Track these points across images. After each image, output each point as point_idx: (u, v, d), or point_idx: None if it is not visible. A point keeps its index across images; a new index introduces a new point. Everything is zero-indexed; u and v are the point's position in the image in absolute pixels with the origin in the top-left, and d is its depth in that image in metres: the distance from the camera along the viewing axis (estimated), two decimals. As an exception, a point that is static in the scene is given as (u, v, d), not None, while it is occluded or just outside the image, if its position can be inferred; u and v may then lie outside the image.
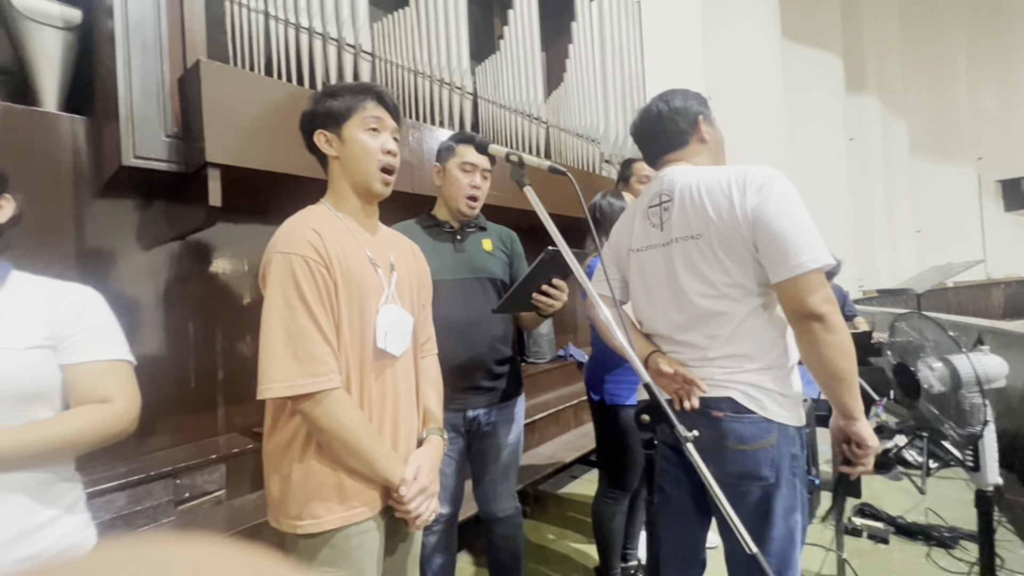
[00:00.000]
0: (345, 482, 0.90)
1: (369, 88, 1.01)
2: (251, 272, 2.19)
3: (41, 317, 0.81)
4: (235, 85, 1.64)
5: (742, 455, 1.03)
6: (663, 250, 1.14)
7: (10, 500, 0.72)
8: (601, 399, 1.68)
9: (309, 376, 0.85)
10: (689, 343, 1.10)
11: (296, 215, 0.97)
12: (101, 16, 1.67)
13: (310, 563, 0.89)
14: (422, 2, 2.39)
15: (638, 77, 4.00)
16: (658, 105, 1.17)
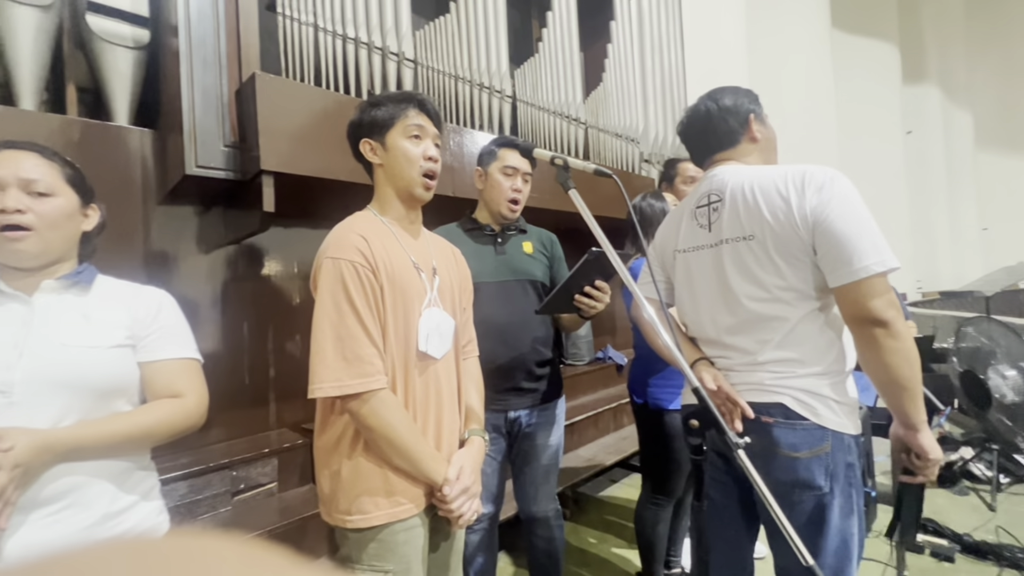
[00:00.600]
0: (391, 479, 0.92)
1: (411, 97, 1.04)
2: (300, 274, 2.28)
3: (122, 318, 0.87)
4: (287, 96, 1.72)
5: (794, 463, 0.99)
6: (711, 251, 1.12)
7: (96, 485, 0.78)
8: (644, 402, 1.66)
9: (357, 377, 0.88)
10: (737, 347, 1.07)
11: (344, 221, 1.01)
12: (167, 35, 1.78)
13: (359, 557, 0.92)
14: (462, 8, 2.42)
15: (678, 74, 3.92)
16: (706, 104, 1.15)
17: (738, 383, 1.06)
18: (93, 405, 0.79)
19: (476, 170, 1.58)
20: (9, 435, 0.68)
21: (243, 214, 1.90)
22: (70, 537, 0.75)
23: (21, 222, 0.77)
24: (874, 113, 7.98)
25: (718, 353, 1.11)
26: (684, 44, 4.10)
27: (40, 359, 0.75)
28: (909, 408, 0.94)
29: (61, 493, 0.75)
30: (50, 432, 0.72)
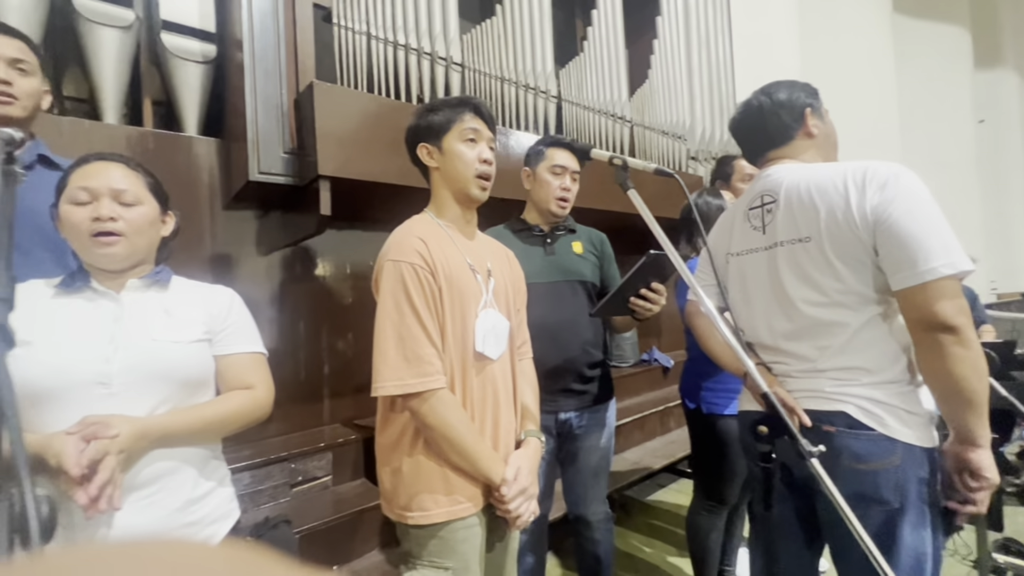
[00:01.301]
0: (451, 478, 0.94)
1: (466, 101, 1.05)
2: (352, 275, 2.36)
3: (200, 314, 0.93)
4: (343, 103, 1.78)
5: (859, 474, 0.94)
6: (766, 254, 1.07)
7: (182, 472, 0.84)
8: (697, 407, 1.61)
9: (417, 376, 0.90)
10: (796, 353, 1.02)
11: (403, 225, 1.03)
12: (232, 49, 1.88)
13: (420, 552, 0.94)
14: (508, 10, 2.44)
15: (726, 67, 3.79)
16: (759, 99, 1.10)
17: (796, 390, 1.01)
18: (180, 395, 0.85)
19: (524, 170, 1.58)
20: (114, 422, 0.73)
21: (300, 217, 1.98)
22: (161, 519, 0.80)
23: (113, 229, 0.84)
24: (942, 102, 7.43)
25: (774, 359, 1.07)
26: (732, 36, 3.96)
27: (134, 352, 0.81)
28: (973, 423, 0.87)
29: (154, 478, 0.80)
30: (147, 420, 0.78)
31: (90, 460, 0.69)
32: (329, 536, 1.78)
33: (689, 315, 1.25)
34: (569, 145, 1.53)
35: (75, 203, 0.82)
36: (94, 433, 0.72)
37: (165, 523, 0.81)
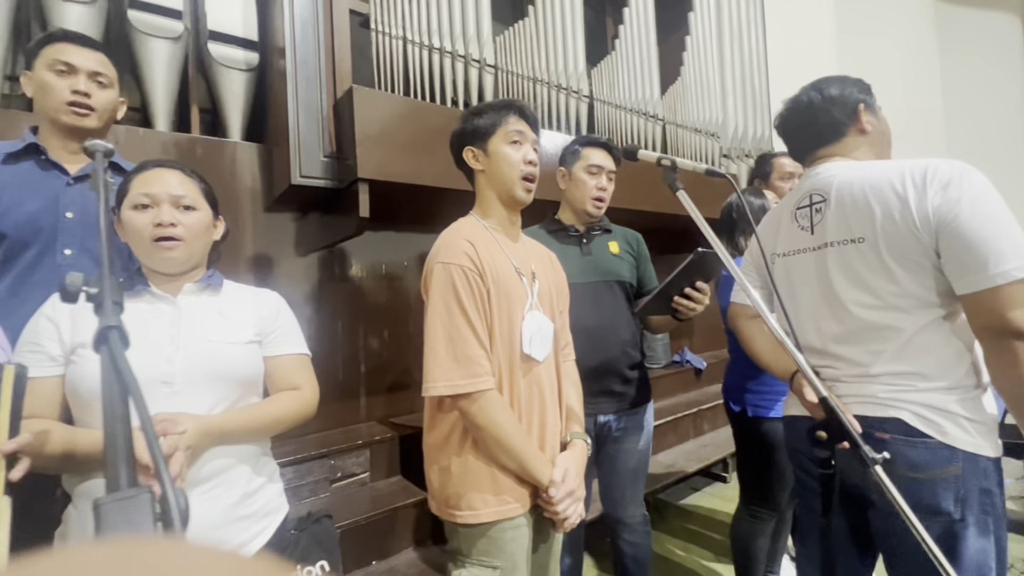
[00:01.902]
0: (499, 478, 0.95)
1: (511, 104, 1.06)
2: (387, 276, 2.40)
3: (250, 317, 0.96)
4: (381, 107, 1.81)
5: (915, 484, 0.90)
6: (814, 255, 1.04)
7: (238, 467, 0.87)
8: (742, 410, 1.58)
9: (467, 377, 0.91)
10: (846, 358, 0.99)
11: (451, 228, 1.04)
12: (274, 57, 1.94)
13: (469, 551, 0.95)
14: (540, 11, 2.44)
15: (760, 62, 3.71)
16: (809, 94, 1.07)
17: (846, 395, 0.98)
18: (235, 395, 0.88)
19: (559, 170, 1.58)
20: (182, 420, 0.77)
21: (338, 219, 2.02)
22: (220, 512, 0.83)
23: (173, 234, 0.87)
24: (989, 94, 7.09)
25: (823, 363, 1.04)
26: (766, 29, 3.87)
27: (193, 353, 0.84)
28: None
29: (214, 473, 0.83)
30: (209, 418, 0.81)
31: (164, 455, 0.72)
32: (367, 532, 1.81)
33: (732, 316, 1.23)
34: (605, 144, 1.52)
35: (136, 208, 0.85)
36: (164, 429, 0.75)
37: (223, 516, 0.84)
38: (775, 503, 1.55)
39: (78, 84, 1.13)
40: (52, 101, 1.12)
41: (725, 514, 2.44)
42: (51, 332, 0.81)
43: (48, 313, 0.83)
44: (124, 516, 0.26)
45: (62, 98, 1.12)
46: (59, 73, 1.12)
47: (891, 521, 0.83)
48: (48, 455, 0.71)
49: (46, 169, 1.14)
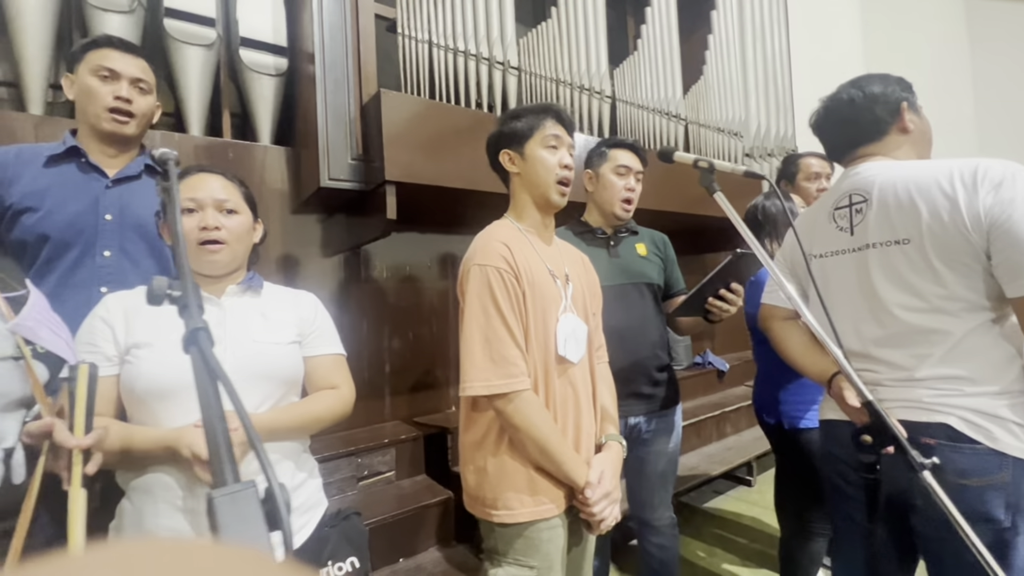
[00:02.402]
0: (535, 479, 0.96)
1: (548, 108, 1.07)
2: (411, 276, 2.43)
3: (291, 318, 0.98)
4: (407, 110, 1.84)
5: (963, 491, 0.88)
6: (854, 256, 1.03)
7: (282, 463, 0.89)
8: (778, 422, 1.52)
9: (503, 377, 0.92)
10: (888, 361, 0.97)
11: (486, 230, 1.05)
12: (303, 62, 1.97)
13: (506, 550, 0.96)
14: (563, 12, 2.44)
15: (783, 60, 3.65)
16: (850, 92, 1.05)
17: (888, 399, 0.96)
18: (278, 393, 0.90)
19: (586, 172, 1.58)
20: (232, 417, 0.79)
21: (364, 221, 2.05)
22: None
23: (218, 237, 0.90)
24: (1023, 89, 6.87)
25: (863, 366, 1.02)
26: (789, 27, 3.81)
27: (240, 353, 0.87)
28: None
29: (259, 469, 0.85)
30: (257, 416, 0.84)
31: None
32: (394, 530, 1.84)
33: (764, 318, 1.21)
34: (633, 146, 1.52)
35: (182, 213, 0.88)
36: (217, 427, 0.77)
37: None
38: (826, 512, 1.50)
39: (120, 90, 1.16)
40: (94, 106, 1.15)
41: (750, 518, 2.41)
42: (106, 333, 0.84)
43: (102, 315, 0.86)
44: (235, 509, 0.28)
45: (105, 103, 1.15)
46: (103, 79, 1.15)
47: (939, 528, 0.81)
48: (107, 451, 0.73)
49: (86, 172, 1.17)
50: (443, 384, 2.48)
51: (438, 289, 2.50)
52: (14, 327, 0.58)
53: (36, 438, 0.60)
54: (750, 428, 3.06)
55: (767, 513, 2.42)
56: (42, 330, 0.61)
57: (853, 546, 1.06)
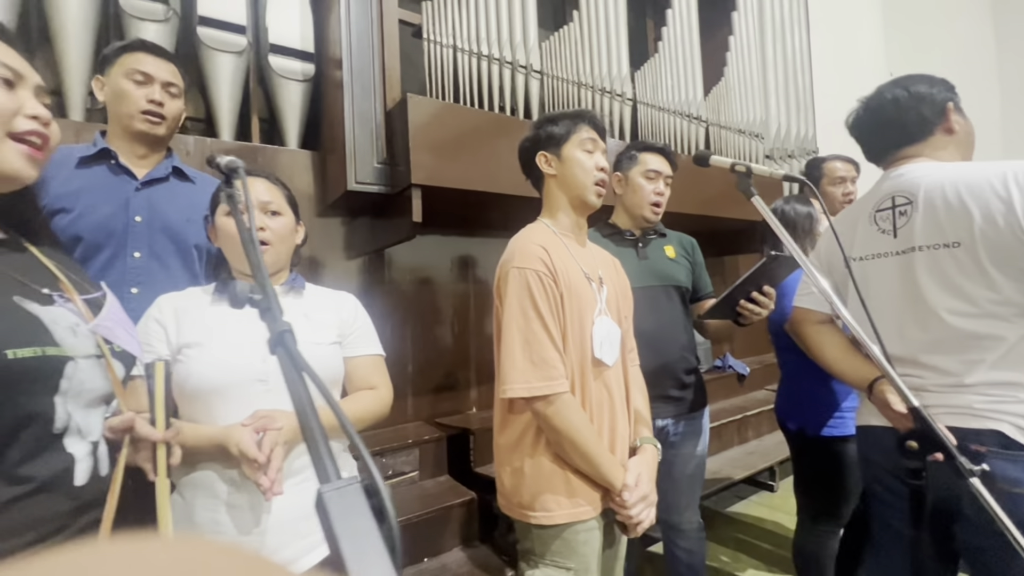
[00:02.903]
0: (572, 481, 0.96)
1: (583, 113, 1.09)
2: (433, 279, 2.45)
3: (332, 318, 1.00)
4: (433, 114, 1.86)
5: (1016, 499, 0.86)
6: (898, 259, 1.02)
7: (325, 463, 0.91)
8: (800, 429, 1.51)
9: (543, 380, 0.93)
10: (936, 367, 0.96)
11: (522, 233, 1.06)
12: (330, 67, 2.01)
13: (543, 552, 0.97)
14: (584, 16, 2.45)
15: (803, 60, 3.62)
16: (894, 91, 1.04)
17: (934, 406, 0.95)
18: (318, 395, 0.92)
19: (615, 175, 1.58)
20: (279, 417, 0.81)
21: (389, 223, 2.08)
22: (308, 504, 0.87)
23: (263, 238, 0.92)
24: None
25: (907, 372, 1.00)
26: (809, 26, 3.77)
27: None
28: None
29: (303, 466, 0.88)
30: None
31: (268, 449, 0.77)
32: (418, 530, 1.85)
33: (796, 322, 1.20)
34: (662, 149, 1.52)
35: (229, 215, 0.90)
36: (264, 426, 0.80)
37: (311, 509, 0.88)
38: (842, 516, 1.49)
39: (153, 93, 1.19)
40: (128, 108, 1.17)
41: (774, 523, 2.39)
42: (159, 333, 0.86)
43: (155, 315, 0.89)
44: (344, 503, 0.29)
45: (138, 106, 1.17)
46: (136, 82, 1.17)
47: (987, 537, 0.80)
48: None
49: (116, 174, 1.19)
50: (464, 385, 2.50)
51: (459, 291, 2.52)
52: (95, 327, 0.61)
53: (118, 432, 0.63)
54: (772, 433, 3.03)
55: (790, 518, 2.39)
56: (118, 330, 0.63)
57: (891, 554, 1.05)
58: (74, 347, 0.58)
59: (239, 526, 0.83)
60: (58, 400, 0.56)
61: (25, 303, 0.56)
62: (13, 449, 0.52)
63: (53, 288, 0.61)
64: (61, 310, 0.59)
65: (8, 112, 0.56)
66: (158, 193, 1.23)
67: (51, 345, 0.55)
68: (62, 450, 0.56)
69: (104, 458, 0.62)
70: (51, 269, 0.63)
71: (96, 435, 0.61)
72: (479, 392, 2.54)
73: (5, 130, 0.56)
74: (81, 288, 0.65)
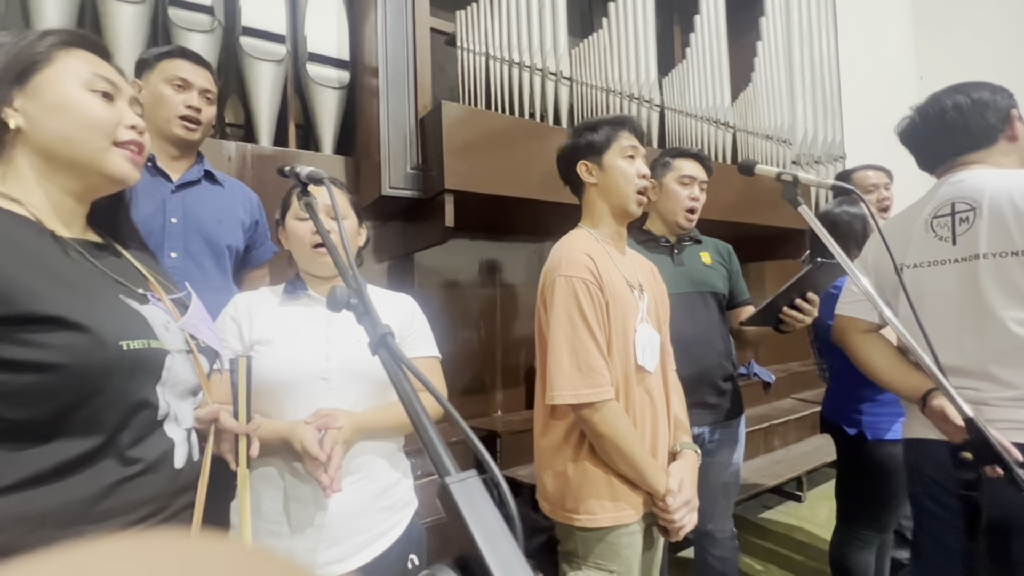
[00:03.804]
0: (616, 485, 0.97)
1: (624, 120, 1.09)
2: (460, 283, 2.48)
3: (391, 319, 1.02)
4: (466, 120, 1.89)
5: None
6: (958, 267, 1.00)
7: (379, 461, 0.93)
8: (859, 433, 1.48)
9: (591, 387, 0.94)
10: (1000, 379, 0.94)
11: (565, 241, 1.08)
12: (365, 75, 2.06)
13: (585, 554, 0.98)
14: (613, 24, 2.46)
15: (831, 65, 3.58)
16: (955, 98, 1.03)
17: (996, 420, 0.92)
18: (378, 394, 0.94)
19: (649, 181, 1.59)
20: (339, 415, 0.84)
21: (420, 228, 2.12)
22: (364, 502, 0.90)
23: None
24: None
25: (964, 384, 0.98)
26: (838, 31, 3.73)
27: (345, 352, 0.91)
28: None
29: (360, 465, 0.90)
30: (360, 414, 0.88)
31: (329, 448, 0.79)
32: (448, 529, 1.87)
33: (841, 331, 1.19)
34: (697, 155, 1.53)
35: (299, 219, 0.94)
36: (326, 424, 0.82)
37: (368, 505, 0.90)
38: (883, 524, 1.48)
39: (192, 99, 1.23)
40: (166, 112, 1.21)
41: (804, 532, 2.36)
42: (234, 330, 0.91)
43: (231, 313, 0.93)
44: (469, 495, 0.31)
45: (177, 111, 1.21)
46: (176, 88, 1.22)
47: None
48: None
49: (153, 176, 1.22)
50: (490, 388, 2.52)
51: (485, 295, 2.54)
52: (183, 325, 0.65)
53: (204, 423, 0.67)
54: (798, 442, 2.98)
55: (821, 529, 2.36)
56: (203, 327, 0.67)
57: (939, 570, 1.03)
58: (169, 342, 0.62)
59: (300, 518, 0.86)
60: (159, 390, 0.60)
61: (128, 301, 0.60)
62: (125, 433, 0.56)
63: (146, 288, 0.65)
64: (155, 308, 0.63)
65: (112, 123, 0.61)
66: (192, 196, 1.27)
67: (153, 339, 0.59)
68: (164, 435, 0.60)
69: (196, 445, 0.65)
70: (142, 271, 0.67)
71: (189, 423, 0.64)
72: (504, 395, 2.55)
73: (111, 140, 0.61)
74: (167, 289, 0.69)
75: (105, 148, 0.61)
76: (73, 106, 0.59)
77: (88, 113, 0.60)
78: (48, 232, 0.57)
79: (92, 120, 0.60)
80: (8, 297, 0.50)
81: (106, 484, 0.54)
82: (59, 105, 0.59)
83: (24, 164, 0.59)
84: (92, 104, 0.60)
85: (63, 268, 0.56)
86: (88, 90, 0.61)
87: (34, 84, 0.58)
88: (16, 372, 0.50)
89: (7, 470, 0.50)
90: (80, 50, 0.62)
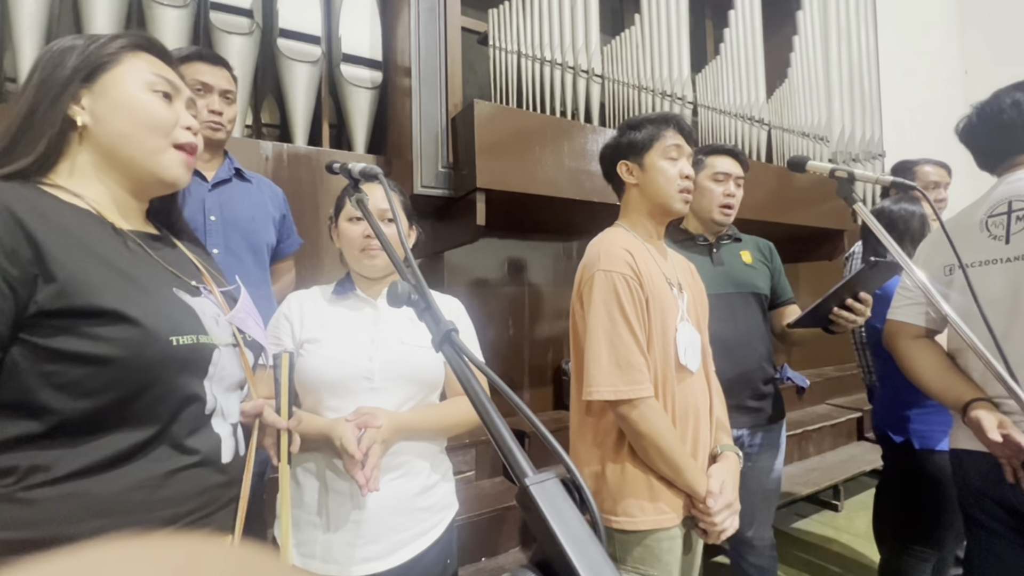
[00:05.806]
0: (655, 486, 0.95)
1: (669, 118, 1.06)
2: (487, 280, 2.48)
3: None
4: (498, 119, 1.88)
5: None
6: (1007, 267, 0.96)
7: (419, 462, 0.93)
8: (906, 441, 1.42)
9: (630, 384, 0.92)
10: None
11: (603, 237, 1.06)
12: (398, 75, 2.07)
13: (624, 557, 0.96)
14: (645, 20, 2.43)
15: (870, 61, 3.45)
16: (1015, 95, 0.99)
17: None
18: (420, 395, 0.94)
19: (682, 180, 1.55)
20: (379, 415, 0.84)
21: (450, 226, 2.12)
22: (403, 502, 0.90)
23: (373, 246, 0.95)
24: None
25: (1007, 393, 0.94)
26: (878, 26, 3.60)
27: (390, 353, 0.92)
28: None
29: (399, 464, 0.90)
30: (400, 414, 0.88)
31: (366, 446, 0.80)
32: (476, 529, 1.87)
33: (891, 335, 1.14)
34: (731, 151, 1.48)
35: (351, 221, 0.95)
36: (365, 423, 0.83)
37: (407, 504, 0.90)
38: (936, 541, 1.40)
39: (213, 103, 1.25)
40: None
41: (841, 544, 2.28)
42: (287, 328, 0.93)
43: (285, 311, 0.95)
44: (549, 495, 0.30)
45: (200, 117, 1.24)
46: (196, 92, 1.22)
47: None
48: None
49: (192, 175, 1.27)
50: (518, 387, 2.51)
51: (513, 293, 2.54)
52: (231, 319, 0.66)
53: (249, 417, 0.68)
54: (834, 450, 2.89)
55: (857, 541, 2.28)
56: (250, 321, 0.68)
57: None
58: (218, 336, 0.63)
59: (339, 514, 0.86)
60: (207, 384, 0.61)
61: (180, 294, 0.61)
62: (175, 426, 0.57)
63: (199, 281, 0.66)
64: (206, 301, 0.64)
65: (170, 124, 0.62)
66: (226, 193, 1.30)
67: (202, 334, 0.60)
68: (212, 429, 0.61)
69: (241, 439, 0.66)
70: (195, 263, 0.68)
71: (234, 418, 0.65)
72: (532, 395, 2.54)
73: (169, 140, 0.62)
74: (218, 281, 0.70)
75: (163, 148, 0.63)
76: (136, 104, 0.61)
77: (149, 112, 0.61)
78: (109, 224, 0.59)
79: (152, 119, 0.62)
80: (73, 291, 0.51)
81: (161, 473, 0.55)
82: (123, 103, 0.60)
83: (86, 161, 0.60)
84: (153, 103, 0.62)
85: (122, 260, 0.57)
86: (150, 90, 0.62)
87: (101, 83, 0.60)
88: (74, 364, 0.51)
89: (63, 461, 0.51)
90: (145, 53, 0.63)
